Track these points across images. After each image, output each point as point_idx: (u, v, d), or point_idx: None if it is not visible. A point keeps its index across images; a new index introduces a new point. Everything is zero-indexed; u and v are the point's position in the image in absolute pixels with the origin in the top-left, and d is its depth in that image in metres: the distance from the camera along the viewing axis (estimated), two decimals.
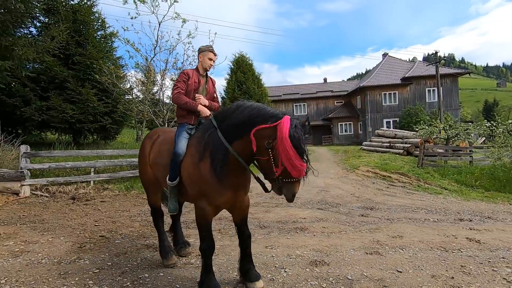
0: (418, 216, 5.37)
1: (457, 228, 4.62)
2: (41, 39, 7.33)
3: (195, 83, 2.86)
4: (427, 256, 3.43)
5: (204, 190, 2.38)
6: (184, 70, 2.97)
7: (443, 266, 3.16)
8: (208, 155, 2.34)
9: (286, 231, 4.39)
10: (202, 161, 2.37)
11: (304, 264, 3.17)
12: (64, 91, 8.67)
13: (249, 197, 2.81)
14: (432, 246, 3.77)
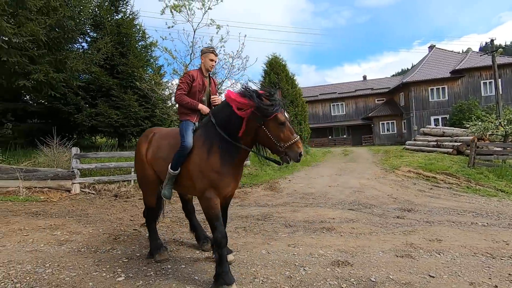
0: (464, 220, 4.86)
1: (510, 234, 4.09)
2: (89, 52, 8.16)
3: (199, 84, 3.00)
4: (467, 262, 3.09)
5: (214, 181, 2.53)
6: (189, 72, 3.08)
7: (486, 274, 2.82)
8: (216, 149, 2.54)
9: (311, 230, 4.27)
10: (211, 156, 2.54)
11: (326, 263, 3.06)
12: (110, 98, 9.53)
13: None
14: (475, 252, 3.39)
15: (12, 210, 5.23)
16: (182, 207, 3.74)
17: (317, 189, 7.68)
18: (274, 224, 4.62)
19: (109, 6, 10.87)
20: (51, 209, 5.36)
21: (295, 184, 8.48)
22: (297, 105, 17.61)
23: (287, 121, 2.39)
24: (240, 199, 6.82)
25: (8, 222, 4.44)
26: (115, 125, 9.38)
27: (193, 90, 2.97)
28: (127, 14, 11.13)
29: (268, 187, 8.15)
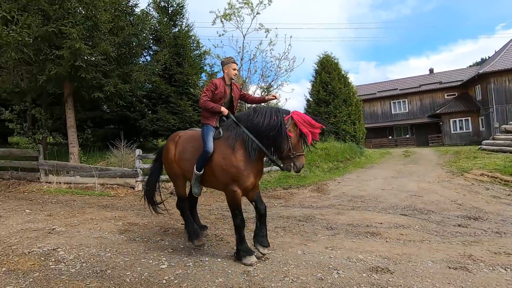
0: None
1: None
2: (149, 64, 9.16)
3: (221, 92, 3.32)
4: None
5: (237, 176, 3.00)
6: (213, 80, 3.42)
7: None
8: (240, 148, 3.03)
9: (354, 234, 4.08)
10: (235, 153, 3.02)
11: (363, 269, 2.91)
12: (168, 105, 10.51)
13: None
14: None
15: (88, 203, 6.16)
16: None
17: (368, 192, 7.24)
18: (315, 225, 4.53)
19: (168, 21, 11.99)
20: (118, 203, 6.15)
21: (344, 186, 8.13)
22: (350, 104, 16.79)
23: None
24: (285, 199, 6.83)
25: (84, 212, 5.26)
26: (173, 129, 10.30)
27: (215, 97, 3.30)
28: (183, 27, 12.14)
29: (315, 188, 7.98)
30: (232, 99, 3.46)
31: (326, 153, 12.09)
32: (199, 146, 3.20)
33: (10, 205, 5.85)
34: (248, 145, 2.99)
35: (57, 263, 3.04)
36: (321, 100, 16.90)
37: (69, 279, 2.69)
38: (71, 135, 8.25)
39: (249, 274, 2.79)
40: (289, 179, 9.17)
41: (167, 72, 10.91)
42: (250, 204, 3.54)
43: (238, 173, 2.99)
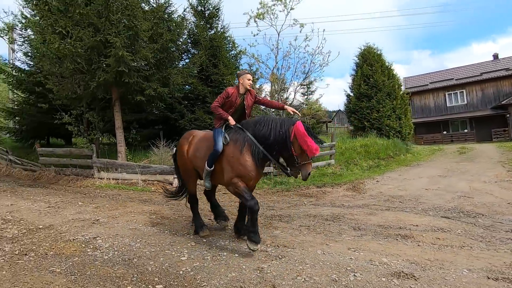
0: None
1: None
2: (187, 67, 9.63)
3: (232, 101, 3.62)
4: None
5: (242, 174, 3.31)
6: (227, 89, 3.71)
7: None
8: (247, 151, 3.33)
9: (383, 236, 3.83)
10: (243, 154, 3.32)
11: (384, 273, 2.73)
12: (205, 105, 10.94)
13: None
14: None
15: (130, 197, 6.72)
16: (204, 192, 4.43)
17: (409, 192, 6.71)
18: (342, 225, 4.36)
19: (205, 24, 12.45)
20: (156, 198, 6.61)
21: (383, 185, 7.64)
22: (395, 98, 15.67)
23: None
24: (316, 198, 6.67)
25: (125, 205, 5.76)
26: (210, 128, 10.75)
27: (226, 104, 3.62)
28: (219, 29, 12.50)
29: (351, 187, 7.65)
30: (244, 108, 3.71)
31: (365, 150, 11.49)
32: (210, 145, 3.53)
33: (67, 197, 6.66)
34: (254, 151, 3.30)
35: (94, 250, 3.39)
36: (362, 95, 16.05)
37: (101, 265, 2.99)
38: (119, 135, 9.07)
39: (262, 271, 2.81)
40: (323, 177, 8.93)
41: (203, 74, 11.35)
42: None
43: (244, 171, 3.29)
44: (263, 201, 6.39)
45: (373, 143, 12.08)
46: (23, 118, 12.85)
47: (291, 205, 5.92)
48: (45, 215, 5.07)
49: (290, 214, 5.09)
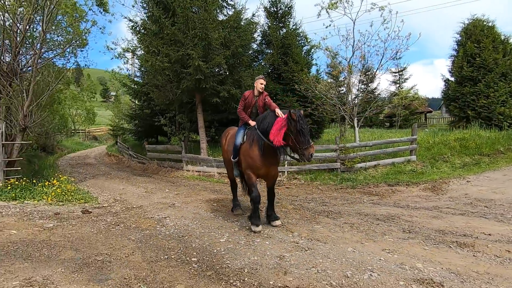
0: None
1: None
2: (257, 68, 10.27)
3: (249, 102, 4.39)
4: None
5: (251, 164, 4.00)
6: (245, 93, 4.47)
7: None
8: (255, 145, 3.94)
9: (434, 242, 3.45)
10: (251, 148, 3.99)
11: (407, 277, 2.58)
12: (276, 102, 11.38)
13: (278, 172, 4.47)
14: None
15: (205, 187, 7.79)
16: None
17: (506, 196, 5.51)
18: (392, 226, 4.07)
19: (277, 24, 12.84)
20: (225, 189, 7.43)
21: (473, 187, 6.46)
22: None
23: (307, 134, 3.57)
24: (380, 197, 6.23)
25: (198, 194, 6.76)
26: None
27: (246, 105, 4.41)
28: (291, 27, 12.66)
29: (429, 187, 6.77)
30: (257, 107, 4.42)
31: (462, 145, 9.71)
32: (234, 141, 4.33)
33: (160, 185, 8.23)
34: (261, 144, 3.87)
35: (161, 226, 4.27)
36: (465, 78, 13.46)
37: (162, 238, 3.78)
38: (201, 133, 10.47)
39: (283, 259, 3.04)
40: (400, 175, 8.11)
41: (275, 72, 11.80)
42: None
43: (252, 162, 3.98)
44: (321, 197, 6.40)
45: (473, 136, 10.08)
46: (139, 121, 16.14)
47: (347, 202, 5.75)
48: (141, 198, 6.50)
49: (340, 211, 5.01)
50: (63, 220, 4.59)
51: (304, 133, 3.52)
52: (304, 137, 3.52)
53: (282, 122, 3.64)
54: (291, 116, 3.58)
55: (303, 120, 3.58)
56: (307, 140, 3.53)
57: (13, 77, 8.38)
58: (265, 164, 3.95)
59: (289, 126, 3.59)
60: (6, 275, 2.60)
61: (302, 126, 3.52)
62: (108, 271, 2.78)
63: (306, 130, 3.57)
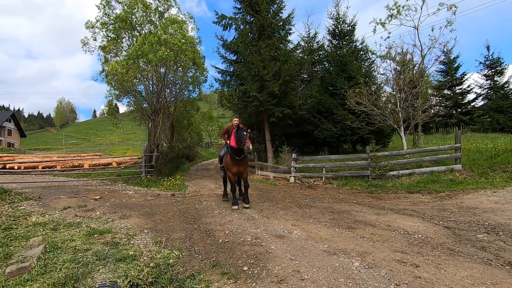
0: None
1: None
2: (306, 90, 12.09)
3: (230, 131, 6.84)
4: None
5: (227, 167, 6.59)
6: (227, 126, 6.92)
7: None
8: (228, 154, 6.24)
9: (334, 225, 4.90)
10: (226, 157, 6.35)
11: (276, 234, 4.48)
12: (332, 116, 12.65)
13: (246, 170, 6.77)
14: None
15: (259, 188, 10.44)
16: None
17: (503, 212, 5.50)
18: (326, 215, 5.56)
19: (340, 41, 14.07)
20: (274, 189, 9.82)
21: (494, 198, 6.31)
22: None
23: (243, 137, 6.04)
24: (377, 200, 7.11)
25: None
26: (335, 136, 12.35)
27: (228, 133, 6.89)
28: (352, 45, 13.62)
29: (444, 195, 6.99)
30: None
31: None
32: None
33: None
34: (230, 154, 6.51)
35: (199, 204, 7.29)
36: None
37: (192, 209, 6.77)
38: (268, 146, 13.21)
39: (233, 222, 5.40)
40: (433, 183, 8.18)
41: (332, 88, 13.15)
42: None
43: (227, 166, 6.56)
44: (326, 197, 7.86)
45: None
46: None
47: (334, 201, 7.11)
48: (208, 190, 9.84)
49: (316, 205, 6.63)
50: (158, 197, 8.38)
51: (241, 135, 6.05)
52: (242, 138, 6.02)
53: (233, 134, 6.34)
54: (236, 129, 6.30)
55: (240, 130, 6.14)
56: (244, 138, 5.99)
57: (157, 113, 13.80)
58: (235, 165, 6.43)
59: (235, 136, 6.30)
60: (117, 213, 6.20)
61: (239, 134, 6.14)
62: (155, 215, 5.98)
63: (243, 134, 6.03)
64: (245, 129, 6.15)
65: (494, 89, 21.65)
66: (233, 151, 6.39)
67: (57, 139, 66.79)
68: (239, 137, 6.14)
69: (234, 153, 6.38)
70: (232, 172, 6.56)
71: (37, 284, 3.09)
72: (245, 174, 6.74)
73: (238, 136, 6.17)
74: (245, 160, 6.54)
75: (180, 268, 3.49)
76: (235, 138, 6.25)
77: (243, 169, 6.60)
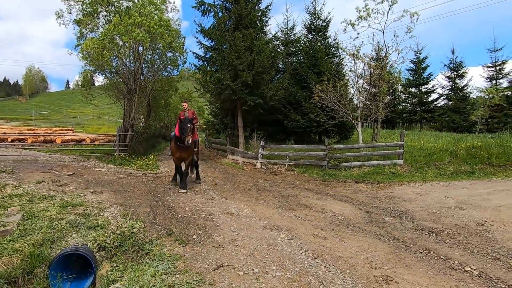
0: None
1: None
2: (279, 81, 12.83)
3: (181, 115, 7.20)
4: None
5: (172, 152, 6.91)
6: (180, 112, 7.25)
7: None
8: (172, 141, 6.72)
9: (279, 206, 5.84)
10: (171, 142, 6.80)
11: (227, 211, 5.33)
12: (300, 109, 13.58)
13: (189, 155, 7.09)
14: None
15: (226, 170, 11.24)
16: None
17: (421, 201, 6.68)
18: (276, 199, 6.49)
19: (314, 36, 14.76)
20: (240, 173, 10.66)
21: (418, 190, 7.51)
22: None
23: (186, 129, 6.51)
24: (325, 186, 8.16)
25: (213, 172, 10.28)
26: (302, 127, 13.34)
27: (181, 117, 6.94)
28: (325, 41, 14.38)
29: (380, 186, 8.14)
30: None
31: (471, 154, 9.67)
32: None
33: (208, 167, 12.19)
34: (174, 140, 6.99)
35: (167, 184, 7.99)
36: None
37: (157, 188, 7.47)
38: (240, 131, 13.95)
39: (195, 200, 6.19)
40: (378, 175, 9.35)
41: (303, 81, 13.97)
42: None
43: (172, 150, 7.15)
44: (284, 182, 8.83)
45: (487, 146, 9.73)
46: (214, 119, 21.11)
47: (288, 186, 8.10)
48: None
49: (271, 189, 7.55)
50: (130, 176, 8.97)
51: (184, 128, 6.50)
52: (184, 131, 6.50)
53: (178, 123, 6.74)
54: (180, 120, 6.68)
55: (184, 121, 6.55)
56: (185, 132, 6.49)
57: (133, 93, 13.98)
58: (178, 151, 6.96)
59: (179, 125, 6.68)
60: (89, 189, 6.78)
61: (182, 125, 6.56)
62: (125, 192, 6.64)
63: (186, 127, 6.48)
64: (190, 120, 6.59)
65: (454, 91, 23.48)
66: (176, 138, 6.83)
67: (26, 108, 63.49)
68: (182, 128, 6.56)
69: (178, 141, 6.80)
70: (175, 156, 7.11)
71: (18, 244, 3.74)
72: (189, 160, 7.15)
73: (181, 127, 6.58)
74: (189, 148, 6.88)
75: (141, 235, 4.27)
76: (179, 128, 6.63)
77: (186, 155, 7.01)
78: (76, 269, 3.76)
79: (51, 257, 3.61)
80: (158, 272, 3.05)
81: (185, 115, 7.48)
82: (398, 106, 26.06)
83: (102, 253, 3.92)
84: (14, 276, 3.22)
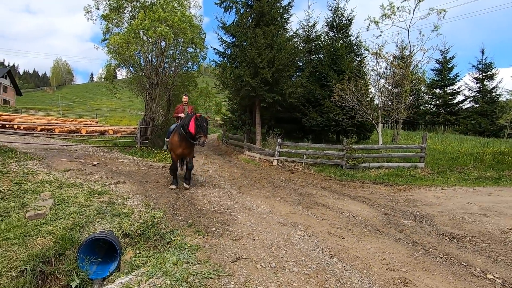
0: None
1: None
2: (299, 79, 12.74)
3: (180, 109, 7.58)
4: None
5: (171, 147, 6.79)
6: (178, 105, 7.37)
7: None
8: (176, 134, 6.56)
9: (296, 204, 5.87)
10: (173, 136, 6.64)
11: (249, 207, 5.43)
12: (319, 107, 13.44)
13: (191, 153, 6.73)
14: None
15: (243, 166, 11.36)
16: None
17: (442, 206, 6.51)
18: (293, 196, 6.52)
19: (336, 34, 14.52)
20: (256, 169, 10.77)
21: (440, 194, 7.32)
22: None
23: (203, 128, 6.00)
24: (341, 185, 8.10)
25: (230, 168, 10.42)
26: (320, 126, 13.19)
27: (179, 111, 7.46)
28: (347, 39, 14.11)
29: (399, 188, 7.98)
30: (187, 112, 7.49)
31: (495, 159, 9.29)
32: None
33: (219, 161, 12.37)
34: (179, 133, 6.48)
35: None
36: None
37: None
38: (257, 128, 14.01)
39: (212, 194, 6.34)
40: (396, 177, 9.18)
41: (322, 79, 13.80)
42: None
43: (171, 146, 6.70)
44: (301, 180, 8.83)
45: None
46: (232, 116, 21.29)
47: (305, 184, 8.09)
48: (205, 166, 10.77)
49: (287, 187, 7.59)
50: (151, 167, 9.26)
51: (201, 127, 5.90)
52: (201, 129, 5.90)
53: (193, 120, 6.05)
54: (196, 117, 6.06)
55: (202, 119, 5.98)
56: (204, 132, 5.94)
57: (155, 87, 14.36)
58: (180, 147, 6.41)
59: (195, 122, 6.02)
60: (113, 179, 7.08)
61: (200, 123, 5.95)
62: (146, 183, 6.88)
63: (203, 125, 5.92)
64: (206, 120, 6.10)
65: (482, 93, 22.42)
66: (188, 134, 6.22)
67: (53, 100, 66.41)
68: (199, 126, 5.97)
69: (189, 137, 6.23)
70: (176, 153, 6.58)
71: (51, 227, 4.01)
72: (189, 156, 6.68)
73: (198, 125, 5.98)
74: (193, 146, 6.56)
75: (163, 225, 4.44)
76: (196, 126, 6.02)
77: (187, 151, 6.57)
78: (101, 254, 3.98)
79: (80, 240, 3.84)
80: (180, 260, 3.18)
81: (184, 109, 7.59)
82: (420, 107, 25.23)
83: (126, 240, 4.12)
84: (48, 256, 3.46)
